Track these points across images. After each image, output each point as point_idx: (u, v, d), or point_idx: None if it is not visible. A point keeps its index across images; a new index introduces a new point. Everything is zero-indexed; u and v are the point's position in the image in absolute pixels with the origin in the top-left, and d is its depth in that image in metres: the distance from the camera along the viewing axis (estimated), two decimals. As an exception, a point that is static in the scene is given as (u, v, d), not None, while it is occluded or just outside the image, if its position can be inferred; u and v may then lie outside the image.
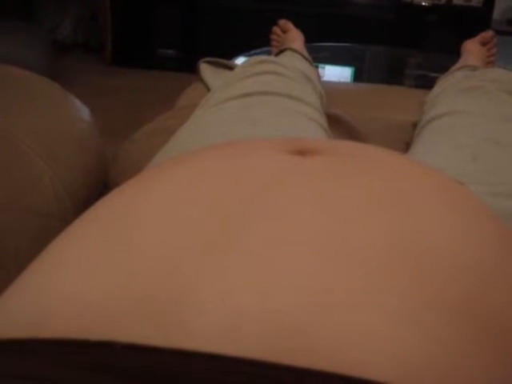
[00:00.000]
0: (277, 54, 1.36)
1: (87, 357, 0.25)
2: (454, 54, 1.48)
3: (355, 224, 0.33)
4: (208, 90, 1.11)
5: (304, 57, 1.30)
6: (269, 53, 1.55)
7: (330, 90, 1.18)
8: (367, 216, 0.34)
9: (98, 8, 3.30)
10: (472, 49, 1.45)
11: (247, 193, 0.35)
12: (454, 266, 0.31)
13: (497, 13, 3.01)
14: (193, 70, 1.25)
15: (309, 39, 1.55)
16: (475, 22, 2.76)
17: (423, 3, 2.97)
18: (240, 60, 1.92)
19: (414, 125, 1.05)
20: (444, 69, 1.36)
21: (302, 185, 0.37)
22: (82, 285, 0.30)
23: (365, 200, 0.36)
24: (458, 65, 1.35)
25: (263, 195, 0.35)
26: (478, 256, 0.33)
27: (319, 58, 2.06)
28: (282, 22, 1.59)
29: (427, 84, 1.43)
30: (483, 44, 1.49)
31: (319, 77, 1.24)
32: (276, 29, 1.59)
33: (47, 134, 0.76)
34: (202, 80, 1.19)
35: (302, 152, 0.43)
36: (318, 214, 0.34)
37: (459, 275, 0.31)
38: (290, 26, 1.57)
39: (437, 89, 1.12)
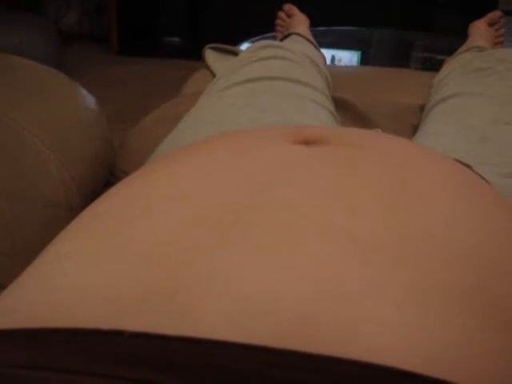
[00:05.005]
0: (282, 39, 1.36)
1: (97, 346, 0.25)
2: (462, 35, 1.47)
3: (364, 214, 0.33)
4: (214, 76, 1.11)
5: (309, 41, 1.30)
6: (274, 38, 1.54)
7: (337, 74, 1.17)
8: (376, 206, 0.34)
9: (103, -3, 3.30)
10: (479, 30, 1.44)
11: (256, 185, 0.35)
12: (465, 255, 0.31)
13: (504, -7, 2.97)
14: (199, 56, 1.25)
15: (314, 23, 1.54)
16: (482, 2, 2.73)
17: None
18: (245, 46, 1.91)
19: (422, 107, 1.04)
20: (451, 51, 1.35)
21: (309, 176, 0.37)
22: (91, 275, 0.30)
23: (373, 190, 0.36)
24: (465, 46, 1.34)
25: (271, 187, 0.35)
26: (489, 244, 0.33)
27: (325, 42, 2.05)
28: (287, 6, 1.58)
29: (434, 67, 1.42)
30: (491, 24, 1.48)
31: (325, 61, 1.23)
32: (281, 14, 1.58)
33: (53, 124, 0.76)
34: (207, 66, 1.19)
35: (308, 142, 0.43)
36: (327, 204, 0.34)
37: (470, 263, 0.31)
38: (295, 10, 1.56)
39: (444, 71, 1.11)
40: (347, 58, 2.30)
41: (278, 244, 0.30)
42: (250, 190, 0.35)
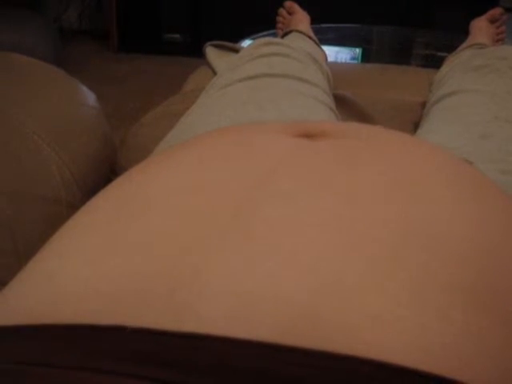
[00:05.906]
0: (283, 36, 1.35)
1: (97, 342, 0.25)
2: (463, 32, 1.47)
3: (365, 207, 0.33)
4: (214, 73, 1.11)
5: (310, 38, 1.30)
6: (275, 35, 1.54)
7: (338, 71, 1.17)
8: (377, 199, 0.34)
9: (103, -6, 3.30)
10: (480, 27, 1.43)
11: (255, 177, 0.35)
12: (467, 250, 0.31)
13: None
14: (199, 54, 1.25)
15: (315, 21, 1.53)
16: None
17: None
18: (246, 43, 1.91)
19: (422, 105, 1.04)
20: (452, 48, 1.35)
21: (309, 168, 0.37)
22: (91, 270, 0.30)
23: (374, 183, 0.35)
24: (466, 43, 1.34)
25: (271, 179, 0.35)
26: (491, 239, 0.33)
27: (326, 39, 2.04)
28: (288, 3, 1.58)
29: (435, 64, 1.42)
30: (492, 22, 1.47)
31: (326, 58, 1.23)
32: (282, 11, 1.58)
33: (54, 121, 0.76)
34: (208, 64, 1.19)
35: (309, 135, 0.43)
36: (327, 197, 0.33)
37: (471, 259, 0.30)
38: (295, 7, 1.56)
39: (445, 68, 1.11)
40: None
41: (278, 237, 0.30)
42: (250, 183, 0.35)
